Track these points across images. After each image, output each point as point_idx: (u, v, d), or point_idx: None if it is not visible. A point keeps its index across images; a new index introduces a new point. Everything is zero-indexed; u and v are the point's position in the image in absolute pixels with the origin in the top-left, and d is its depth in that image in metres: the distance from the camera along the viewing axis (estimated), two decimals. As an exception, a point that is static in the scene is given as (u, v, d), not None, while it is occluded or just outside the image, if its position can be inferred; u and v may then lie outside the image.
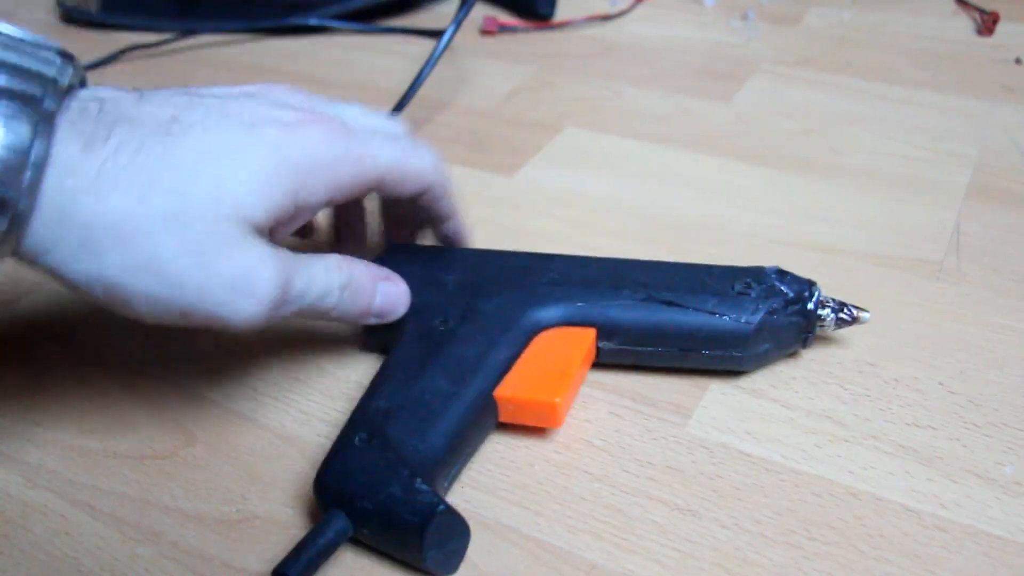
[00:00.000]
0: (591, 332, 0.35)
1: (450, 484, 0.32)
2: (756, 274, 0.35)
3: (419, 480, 0.29)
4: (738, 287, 0.35)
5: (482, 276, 0.36)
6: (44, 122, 0.26)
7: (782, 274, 0.35)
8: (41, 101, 0.26)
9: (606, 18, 0.71)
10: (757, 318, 0.34)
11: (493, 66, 0.64)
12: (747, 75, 0.61)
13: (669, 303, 0.34)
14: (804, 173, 0.49)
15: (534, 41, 0.68)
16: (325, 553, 0.28)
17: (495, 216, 0.47)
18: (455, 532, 0.29)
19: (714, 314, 0.34)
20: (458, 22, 0.53)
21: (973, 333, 0.38)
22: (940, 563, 0.29)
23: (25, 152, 0.25)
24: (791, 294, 0.34)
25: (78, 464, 0.34)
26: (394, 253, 0.38)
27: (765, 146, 0.52)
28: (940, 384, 0.35)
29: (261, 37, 0.71)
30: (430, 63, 0.52)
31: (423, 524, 0.28)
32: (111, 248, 0.26)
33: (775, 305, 0.34)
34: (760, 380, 0.36)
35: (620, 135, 0.54)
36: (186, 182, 0.27)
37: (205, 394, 0.37)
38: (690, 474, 0.32)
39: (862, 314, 0.35)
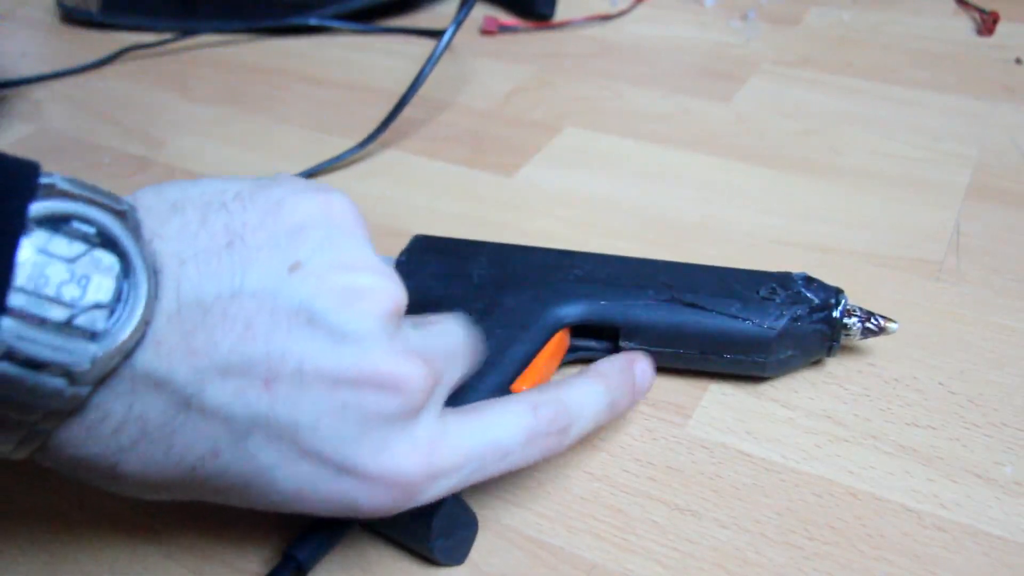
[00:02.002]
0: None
1: None
2: (782, 280, 0.35)
3: None
4: (763, 292, 0.34)
5: (506, 271, 0.36)
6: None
7: (809, 281, 0.35)
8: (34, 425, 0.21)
9: (606, 18, 0.71)
10: (781, 324, 0.33)
11: (493, 66, 0.64)
12: (747, 75, 0.61)
13: (692, 305, 0.34)
14: (804, 173, 0.49)
15: (534, 41, 0.68)
16: (334, 537, 0.28)
17: (495, 216, 0.47)
18: (462, 523, 0.29)
19: (737, 318, 0.34)
20: (458, 22, 0.53)
21: (973, 333, 0.38)
22: (940, 563, 0.29)
23: None
24: (817, 301, 0.34)
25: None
26: (418, 245, 0.38)
27: (765, 146, 0.52)
28: (940, 384, 0.35)
29: (261, 37, 0.71)
30: (430, 63, 0.52)
31: (430, 513, 0.28)
32: None
33: (800, 312, 0.34)
34: (760, 380, 0.36)
35: (620, 135, 0.54)
36: None
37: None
38: (690, 474, 0.32)
39: (889, 324, 0.35)
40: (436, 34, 0.68)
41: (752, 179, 0.49)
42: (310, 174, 0.51)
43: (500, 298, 0.35)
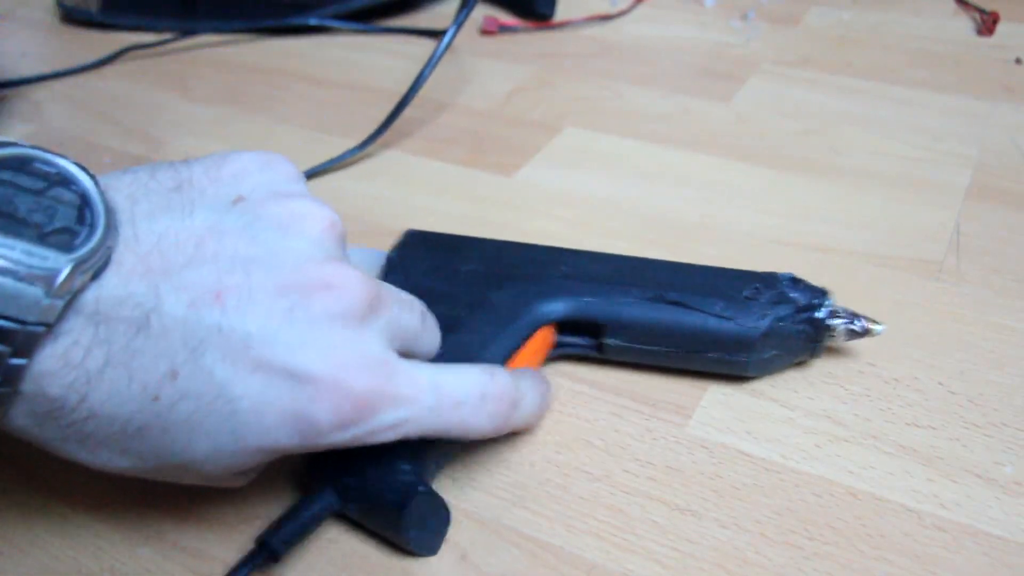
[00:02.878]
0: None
1: (440, 467, 0.32)
2: (768, 280, 0.35)
3: (402, 461, 0.29)
4: (747, 292, 0.35)
5: (495, 267, 0.36)
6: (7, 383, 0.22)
7: (795, 282, 0.35)
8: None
9: (606, 18, 0.71)
10: (764, 324, 0.34)
11: (493, 66, 0.64)
12: (747, 75, 0.61)
13: (677, 303, 0.34)
14: (804, 173, 0.49)
15: (534, 41, 0.68)
16: (309, 525, 0.29)
17: (495, 216, 0.47)
18: (434, 514, 0.30)
19: (721, 317, 0.34)
20: (459, 24, 0.53)
21: (973, 333, 0.38)
22: (940, 563, 0.29)
23: None
24: (802, 302, 0.34)
25: (79, 463, 0.34)
26: (411, 240, 0.39)
27: (765, 146, 0.52)
28: (940, 384, 0.35)
29: (261, 37, 0.71)
30: (431, 65, 0.52)
31: (402, 504, 0.28)
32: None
33: (784, 312, 0.34)
34: (760, 380, 0.36)
35: (620, 135, 0.54)
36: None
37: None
38: (690, 474, 0.32)
39: (874, 326, 0.35)
40: (436, 34, 0.68)
41: (752, 179, 0.49)
42: (310, 174, 0.51)
43: (488, 294, 0.35)
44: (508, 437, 0.34)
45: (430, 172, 0.51)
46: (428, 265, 0.37)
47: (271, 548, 0.28)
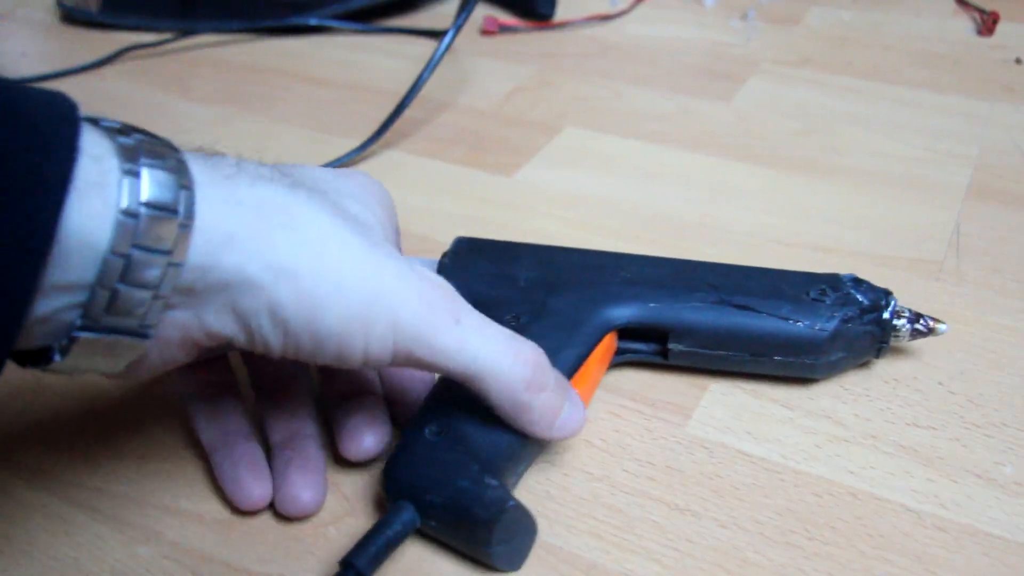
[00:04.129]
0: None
1: (517, 481, 0.32)
2: (831, 281, 0.35)
3: (488, 475, 0.29)
4: (813, 293, 0.34)
5: (553, 273, 0.36)
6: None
7: (858, 282, 0.35)
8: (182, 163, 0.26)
9: (606, 18, 0.71)
10: (832, 325, 0.33)
11: (493, 66, 0.64)
12: (747, 75, 0.61)
13: (743, 307, 0.34)
14: (804, 173, 0.49)
15: (534, 41, 0.68)
16: (392, 544, 0.28)
17: (495, 216, 0.47)
18: (523, 528, 0.29)
19: (788, 320, 0.33)
20: (459, 24, 0.53)
21: (973, 333, 0.38)
22: (940, 563, 0.29)
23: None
24: (867, 302, 0.34)
25: (79, 464, 0.34)
26: (462, 247, 0.38)
27: (765, 146, 0.52)
28: (940, 384, 0.35)
29: (261, 37, 0.71)
30: (430, 67, 0.52)
31: (492, 519, 0.27)
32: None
33: (850, 313, 0.34)
34: (760, 380, 0.36)
35: (620, 135, 0.54)
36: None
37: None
38: (690, 474, 0.32)
39: (938, 326, 0.35)
40: (437, 35, 0.68)
41: (752, 179, 0.49)
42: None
43: (548, 300, 0.35)
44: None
45: (430, 172, 0.51)
46: (483, 272, 0.36)
47: (357, 569, 0.27)
